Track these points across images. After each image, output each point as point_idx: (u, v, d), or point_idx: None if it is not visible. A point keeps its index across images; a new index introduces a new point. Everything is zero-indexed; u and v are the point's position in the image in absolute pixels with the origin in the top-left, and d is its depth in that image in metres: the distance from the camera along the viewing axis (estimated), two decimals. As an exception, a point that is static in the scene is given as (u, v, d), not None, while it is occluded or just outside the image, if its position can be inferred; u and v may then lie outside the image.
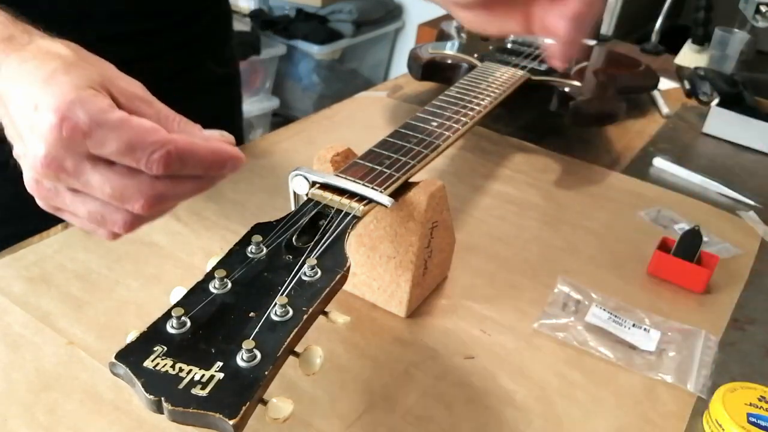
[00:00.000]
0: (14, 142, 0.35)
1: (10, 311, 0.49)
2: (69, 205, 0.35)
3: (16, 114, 0.34)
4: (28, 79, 0.33)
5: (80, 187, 0.34)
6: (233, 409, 0.29)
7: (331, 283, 0.37)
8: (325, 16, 2.55)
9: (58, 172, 0.33)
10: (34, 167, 0.33)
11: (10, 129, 0.35)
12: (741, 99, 0.97)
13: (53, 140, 0.32)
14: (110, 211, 0.34)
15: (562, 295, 0.57)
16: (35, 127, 0.32)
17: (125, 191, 0.33)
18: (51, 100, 0.32)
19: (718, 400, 0.44)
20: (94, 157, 0.33)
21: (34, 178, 0.34)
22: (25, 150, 0.33)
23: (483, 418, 0.44)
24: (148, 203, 0.34)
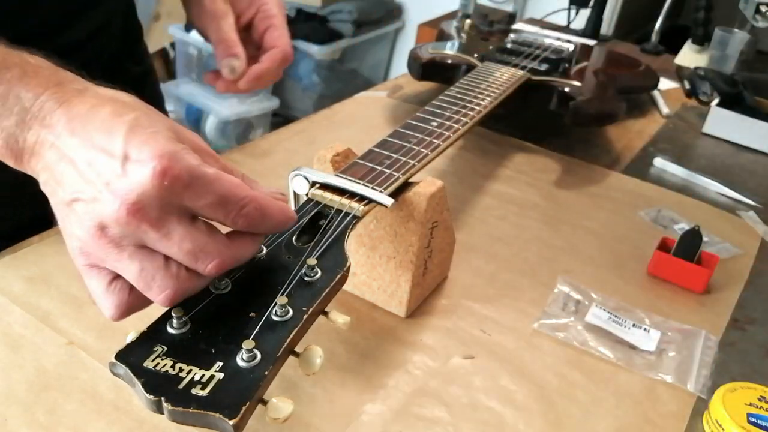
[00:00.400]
0: (62, 191, 0.33)
1: (10, 311, 0.49)
2: (125, 258, 0.32)
3: (83, 161, 0.32)
4: (104, 128, 0.33)
5: (153, 242, 0.32)
6: (233, 409, 0.29)
7: (331, 283, 0.37)
8: (325, 16, 2.55)
9: (141, 222, 0.31)
10: (113, 215, 0.31)
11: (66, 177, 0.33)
12: (741, 99, 0.97)
13: (150, 189, 0.31)
14: (163, 275, 0.33)
15: (562, 295, 0.57)
16: (120, 177, 0.31)
17: (205, 248, 0.33)
18: (147, 150, 0.31)
19: (718, 400, 0.44)
20: (181, 211, 0.33)
21: (99, 225, 0.32)
22: (92, 198, 0.32)
23: (483, 418, 0.44)
24: (221, 264, 0.33)
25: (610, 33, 1.94)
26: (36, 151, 0.34)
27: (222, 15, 0.59)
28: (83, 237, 0.33)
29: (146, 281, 0.33)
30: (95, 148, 0.32)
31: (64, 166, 0.33)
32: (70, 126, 0.33)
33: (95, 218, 0.32)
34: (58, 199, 0.34)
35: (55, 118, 0.34)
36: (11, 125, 0.34)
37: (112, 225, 0.32)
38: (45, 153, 0.34)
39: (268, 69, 0.58)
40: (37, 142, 0.34)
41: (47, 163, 0.34)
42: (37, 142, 0.34)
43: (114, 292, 0.34)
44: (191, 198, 0.32)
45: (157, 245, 0.32)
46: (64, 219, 0.34)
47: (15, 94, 0.34)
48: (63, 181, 0.33)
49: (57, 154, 0.33)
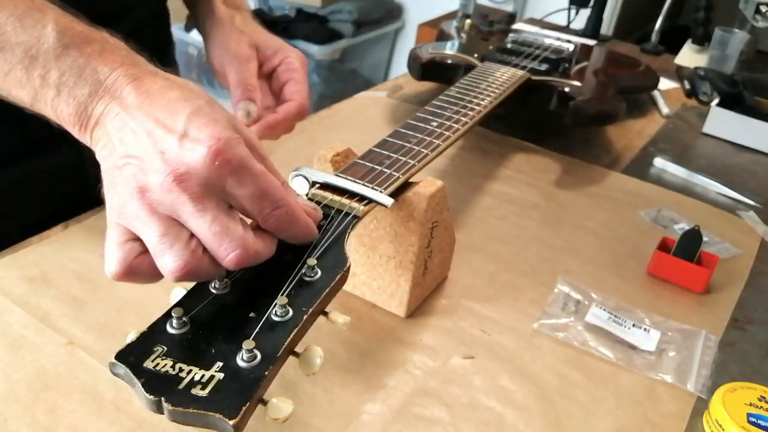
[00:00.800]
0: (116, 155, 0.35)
1: (10, 311, 0.49)
2: (154, 221, 0.33)
3: (143, 131, 0.34)
4: (169, 107, 0.35)
5: (188, 216, 0.33)
6: (233, 410, 0.29)
7: (331, 283, 0.37)
8: (325, 16, 2.55)
9: (183, 192, 0.33)
10: (158, 180, 0.33)
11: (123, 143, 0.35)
12: (741, 99, 0.97)
13: (200, 166, 0.33)
14: (182, 247, 0.34)
15: (562, 295, 0.57)
16: (175, 150, 0.33)
17: (232, 235, 0.34)
18: (206, 131, 0.34)
19: (718, 400, 0.44)
20: (221, 195, 0.34)
21: (142, 188, 0.33)
22: (143, 163, 0.34)
23: (483, 418, 0.44)
24: (242, 256, 0.34)
25: (610, 33, 1.94)
26: (100, 121, 0.36)
27: (245, 59, 0.60)
28: (123, 196, 0.34)
29: (163, 247, 0.33)
30: (157, 122, 0.35)
31: (125, 133, 0.35)
32: (137, 100, 0.35)
33: (141, 180, 0.34)
34: (110, 162, 0.35)
35: (126, 92, 0.36)
36: (84, 95, 0.36)
37: (155, 190, 0.33)
38: (108, 121, 0.36)
39: (283, 120, 0.59)
40: (104, 113, 0.36)
41: (108, 130, 0.36)
42: (103, 112, 0.36)
43: (124, 248, 0.34)
44: (234, 185, 0.34)
45: (189, 219, 0.33)
46: (111, 181, 0.35)
47: (93, 67, 0.36)
48: (119, 146, 0.35)
49: (120, 122, 0.35)
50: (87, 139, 0.37)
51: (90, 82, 0.36)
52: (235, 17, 0.63)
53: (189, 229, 0.34)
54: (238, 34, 0.61)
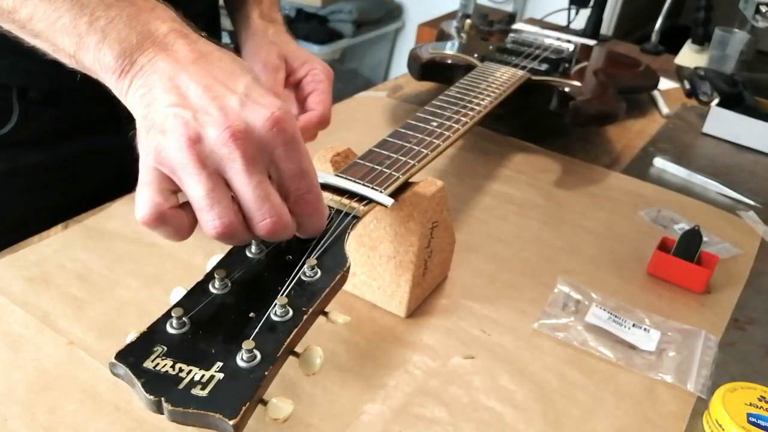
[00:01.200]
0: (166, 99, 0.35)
1: (10, 311, 0.49)
2: (204, 175, 0.33)
3: (200, 84, 0.35)
4: (228, 69, 0.36)
5: (235, 173, 0.34)
6: (233, 410, 0.29)
7: (331, 284, 0.37)
8: (325, 16, 2.55)
9: (237, 149, 0.33)
10: (215, 133, 0.33)
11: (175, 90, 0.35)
12: (741, 99, 0.97)
13: (260, 128, 0.34)
14: (227, 206, 0.34)
15: (562, 295, 0.57)
16: (237, 107, 0.34)
17: (273, 203, 0.35)
18: (267, 99, 0.35)
19: (718, 400, 0.44)
20: (268, 163, 0.35)
21: (196, 137, 0.33)
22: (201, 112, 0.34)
23: (483, 418, 0.44)
24: (276, 224, 0.35)
25: (610, 33, 1.94)
26: (145, 69, 0.36)
27: (273, 69, 0.62)
28: (171, 141, 0.34)
29: (210, 203, 0.34)
30: (216, 80, 0.35)
31: (179, 82, 0.35)
32: (192, 56, 0.36)
33: (194, 129, 0.34)
34: (155, 107, 0.35)
35: (178, 46, 0.36)
36: (131, 42, 0.36)
37: (209, 141, 0.33)
38: (156, 72, 0.36)
39: (304, 128, 0.60)
40: (151, 62, 0.36)
41: (153, 79, 0.35)
42: (151, 62, 0.36)
43: (161, 195, 0.34)
44: (282, 156, 0.35)
45: (235, 177, 0.34)
46: (153, 125, 0.34)
47: (144, 19, 0.37)
48: (168, 95, 0.35)
49: (172, 72, 0.35)
50: (123, 86, 0.37)
51: (139, 30, 0.36)
52: (269, 29, 0.66)
53: (232, 188, 0.34)
54: (269, 45, 0.64)
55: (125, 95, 0.37)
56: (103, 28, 0.36)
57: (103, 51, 0.36)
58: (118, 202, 0.63)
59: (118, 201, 0.63)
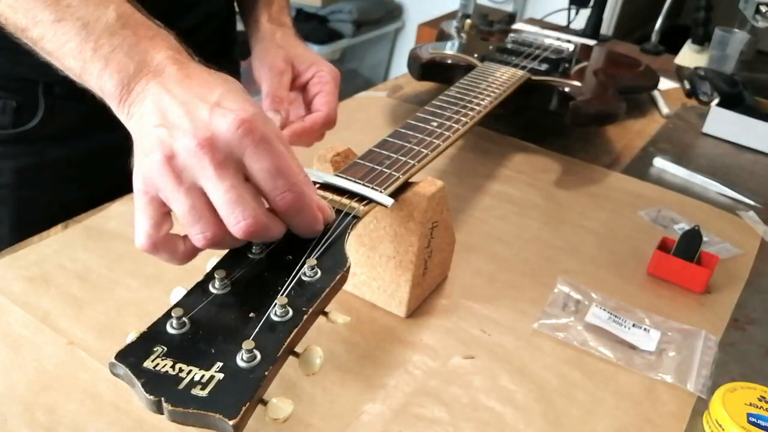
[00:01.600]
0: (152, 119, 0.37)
1: (10, 311, 0.49)
2: (182, 192, 0.35)
3: (179, 101, 0.37)
4: (208, 85, 0.38)
5: (207, 180, 0.35)
6: (233, 410, 0.29)
7: (331, 284, 0.37)
8: (325, 16, 2.55)
9: (205, 156, 0.35)
10: (184, 145, 0.35)
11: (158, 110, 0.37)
12: (741, 99, 0.97)
13: (225, 133, 0.35)
14: (209, 218, 0.36)
15: (562, 295, 0.57)
16: (204, 117, 0.36)
17: (246, 204, 0.35)
18: (236, 104, 0.36)
19: (718, 400, 0.44)
20: (240, 166, 0.36)
21: (170, 154, 0.35)
22: (174, 127, 0.36)
23: (483, 418, 0.44)
24: (252, 226, 0.35)
25: (610, 33, 1.94)
26: (140, 97, 0.38)
27: (279, 72, 0.63)
28: (151, 162, 0.35)
29: (192, 219, 0.35)
30: (194, 94, 0.37)
31: (162, 105, 0.37)
32: (178, 76, 0.38)
33: (168, 145, 0.35)
34: (143, 132, 0.37)
35: (168, 71, 0.39)
36: (129, 71, 0.38)
37: (180, 154, 0.35)
38: (148, 97, 0.38)
39: (309, 128, 0.61)
40: (145, 90, 0.38)
41: (146, 104, 0.38)
42: (145, 89, 0.38)
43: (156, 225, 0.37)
44: (253, 156, 0.35)
45: (207, 184, 0.35)
46: (141, 148, 0.37)
47: (142, 48, 0.39)
48: (154, 117, 0.37)
49: (159, 96, 0.37)
50: (123, 113, 0.39)
51: (137, 60, 0.38)
52: (276, 33, 0.67)
53: (208, 196, 0.35)
54: (276, 48, 0.65)
55: (126, 121, 0.39)
56: (106, 56, 0.39)
57: (104, 78, 0.39)
58: (118, 202, 0.63)
59: (117, 201, 0.63)
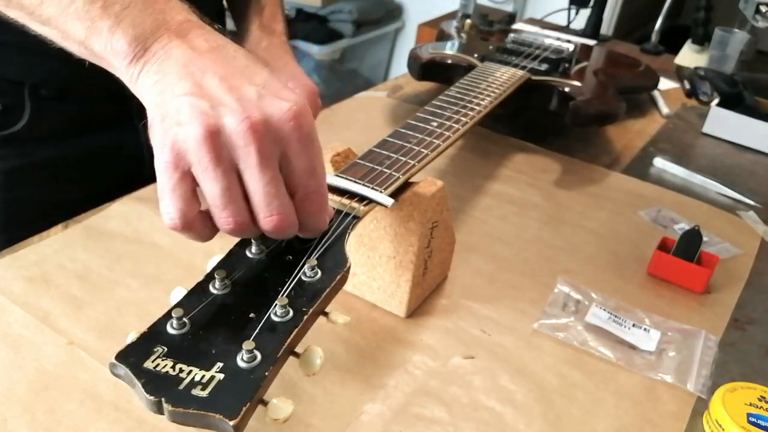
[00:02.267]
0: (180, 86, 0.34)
1: (10, 311, 0.49)
2: (220, 172, 0.33)
3: (217, 74, 0.34)
4: (244, 61, 0.36)
5: (248, 167, 0.34)
6: (233, 410, 0.29)
7: (331, 284, 0.37)
8: (325, 16, 2.55)
9: (253, 141, 0.33)
10: (234, 124, 0.33)
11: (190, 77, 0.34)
12: (741, 99, 0.97)
13: (277, 121, 0.34)
14: (242, 205, 0.34)
15: (562, 295, 0.57)
16: (256, 99, 0.34)
17: (282, 199, 0.35)
18: (287, 92, 0.35)
19: (718, 400, 0.44)
20: (281, 158, 0.35)
21: (214, 130, 0.33)
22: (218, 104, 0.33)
23: (483, 418, 0.44)
24: (281, 222, 0.35)
25: (610, 33, 1.94)
26: (158, 56, 0.35)
27: None
28: (187, 133, 0.33)
29: (226, 201, 0.34)
30: (233, 71, 0.35)
31: (192, 69, 0.34)
32: (208, 45, 0.36)
33: (214, 120, 0.33)
34: (165, 97, 0.34)
35: (194, 35, 0.36)
36: (146, 27, 0.36)
37: (226, 132, 0.33)
38: (170, 57, 0.35)
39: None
40: (166, 49, 0.35)
41: (168, 65, 0.35)
42: (165, 48, 0.35)
43: (187, 200, 0.34)
44: (297, 151, 0.35)
45: (248, 170, 0.34)
46: (165, 115, 0.34)
47: (159, 7, 0.36)
48: (183, 82, 0.34)
49: (186, 58, 0.35)
50: (134, 72, 0.36)
51: (154, 17, 0.36)
52: (262, 42, 0.66)
53: (244, 180, 0.34)
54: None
55: (135, 81, 0.36)
56: (118, 13, 0.36)
57: (116, 36, 0.36)
58: (118, 202, 0.63)
59: (117, 201, 0.63)
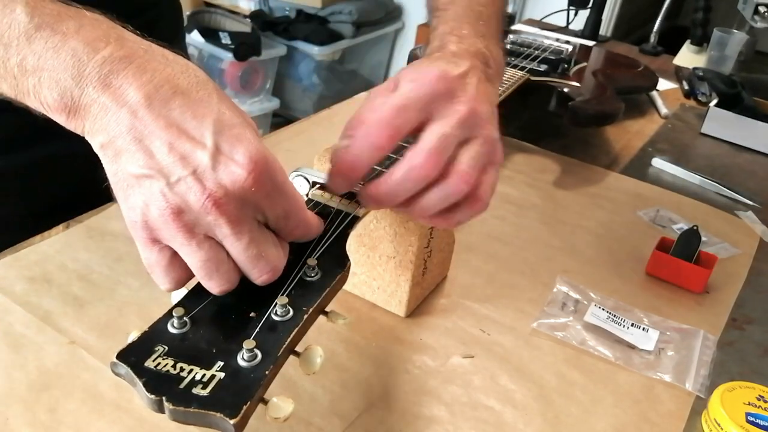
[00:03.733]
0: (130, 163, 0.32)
1: (11, 311, 0.49)
2: (194, 245, 0.33)
3: (163, 141, 0.32)
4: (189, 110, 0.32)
5: (224, 237, 0.33)
6: (234, 409, 0.29)
7: (331, 283, 0.37)
8: (325, 17, 2.55)
9: (221, 216, 0.32)
10: (196, 204, 0.32)
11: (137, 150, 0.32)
12: (739, 99, 0.98)
13: (239, 190, 0.32)
14: (226, 269, 0.34)
15: (561, 295, 0.57)
16: (210, 169, 0.32)
17: (268, 257, 0.35)
18: (241, 151, 0.32)
19: (716, 400, 0.44)
20: (255, 212, 0.34)
21: (177, 209, 0.32)
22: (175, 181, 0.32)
23: (482, 417, 0.45)
24: (273, 275, 0.35)
25: (608, 34, 1.94)
26: (92, 111, 0.33)
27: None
28: (153, 214, 0.32)
29: (209, 271, 0.34)
30: (179, 132, 0.32)
31: (135, 137, 0.32)
32: (145, 96, 0.32)
33: (175, 201, 0.32)
34: (120, 168, 0.33)
35: (122, 81, 0.32)
36: (67, 79, 0.32)
37: (191, 212, 0.32)
38: (107, 118, 0.32)
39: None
40: (94, 103, 0.32)
41: (109, 130, 0.32)
42: (94, 102, 0.32)
43: (175, 268, 0.35)
44: (268, 205, 0.34)
45: (225, 240, 0.33)
46: (126, 189, 0.33)
47: (71, 48, 0.32)
48: (132, 154, 0.32)
49: (126, 122, 0.32)
50: (78, 129, 0.34)
51: (70, 64, 0.32)
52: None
53: (225, 248, 0.34)
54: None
55: (86, 136, 0.34)
56: (35, 68, 0.33)
57: (43, 94, 0.33)
58: (119, 203, 0.63)
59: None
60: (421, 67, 0.43)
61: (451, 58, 0.44)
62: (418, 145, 0.40)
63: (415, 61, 0.44)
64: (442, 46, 0.47)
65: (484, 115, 0.42)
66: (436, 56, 0.45)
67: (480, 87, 0.43)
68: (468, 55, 0.45)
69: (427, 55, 0.47)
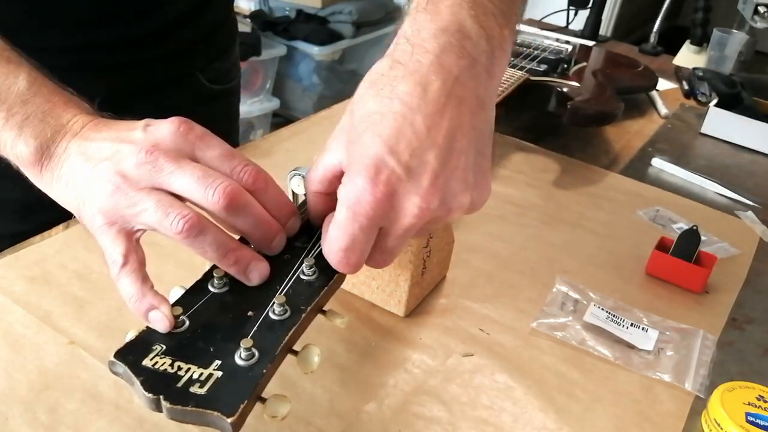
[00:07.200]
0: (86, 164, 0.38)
1: (11, 311, 0.49)
2: (144, 196, 0.36)
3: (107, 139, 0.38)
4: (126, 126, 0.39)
5: (168, 176, 0.36)
6: (231, 407, 0.29)
7: (329, 282, 0.37)
8: (325, 17, 2.55)
9: (158, 157, 0.36)
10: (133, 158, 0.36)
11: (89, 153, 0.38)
12: (739, 99, 0.98)
13: (168, 135, 0.37)
14: (180, 205, 0.36)
15: (560, 295, 0.57)
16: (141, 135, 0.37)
17: (216, 175, 0.36)
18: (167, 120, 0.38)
19: (716, 400, 0.44)
20: (192, 157, 0.37)
21: (121, 173, 0.36)
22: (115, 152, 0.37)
23: (482, 417, 0.45)
24: (232, 192, 0.36)
25: (608, 34, 1.94)
26: (62, 158, 0.39)
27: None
28: (105, 191, 0.36)
29: (164, 211, 0.35)
30: (118, 132, 0.39)
31: (88, 151, 0.38)
32: (96, 127, 0.39)
33: (117, 167, 0.36)
34: (79, 176, 0.38)
35: (86, 127, 0.40)
36: (46, 136, 0.39)
37: (133, 168, 0.36)
38: (70, 154, 0.39)
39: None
40: (66, 150, 0.39)
41: (71, 160, 0.39)
42: (66, 149, 0.39)
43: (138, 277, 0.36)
44: (202, 148, 0.38)
45: (170, 178, 0.36)
46: (83, 190, 0.38)
47: (56, 113, 0.40)
48: (87, 162, 0.38)
49: (83, 146, 0.39)
50: (46, 178, 0.39)
51: (53, 125, 0.39)
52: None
53: (176, 192, 0.36)
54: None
55: (50, 187, 0.39)
56: (20, 123, 0.39)
57: (19, 146, 0.39)
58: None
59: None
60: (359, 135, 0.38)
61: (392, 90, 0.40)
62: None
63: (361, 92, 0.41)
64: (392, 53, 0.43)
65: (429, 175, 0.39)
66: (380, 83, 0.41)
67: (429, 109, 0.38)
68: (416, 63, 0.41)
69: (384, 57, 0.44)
